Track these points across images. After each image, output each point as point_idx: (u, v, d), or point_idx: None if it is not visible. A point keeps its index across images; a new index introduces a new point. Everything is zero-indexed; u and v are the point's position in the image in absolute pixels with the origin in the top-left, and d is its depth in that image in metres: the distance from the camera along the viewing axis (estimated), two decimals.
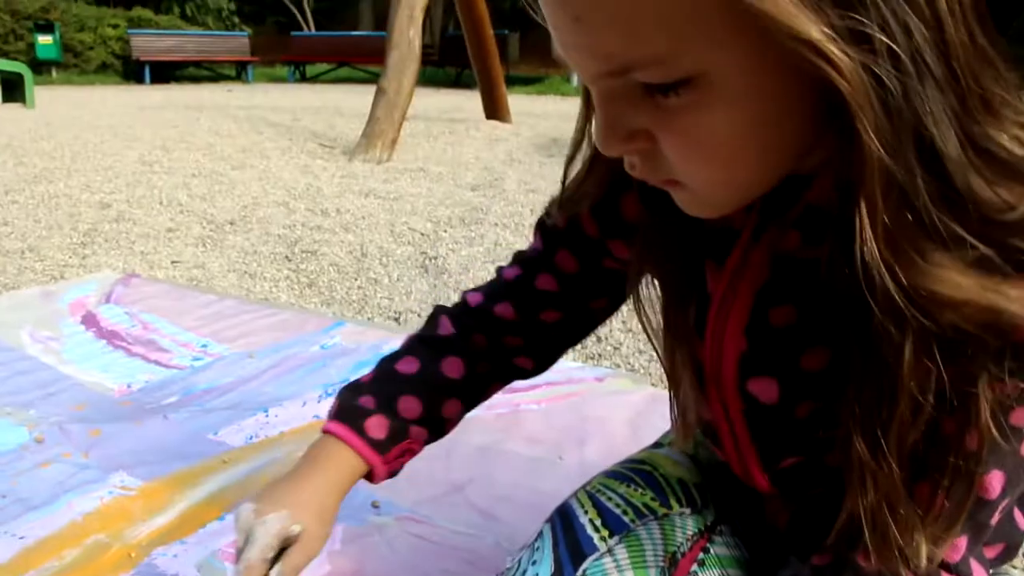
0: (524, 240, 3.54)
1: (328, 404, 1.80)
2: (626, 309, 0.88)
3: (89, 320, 2.27)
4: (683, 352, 0.76)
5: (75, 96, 12.24)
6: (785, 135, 0.55)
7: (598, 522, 0.84)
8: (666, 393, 0.85)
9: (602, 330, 2.48)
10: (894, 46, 0.47)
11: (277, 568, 0.81)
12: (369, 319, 2.52)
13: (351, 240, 3.44)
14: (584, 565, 0.80)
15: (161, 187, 4.65)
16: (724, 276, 0.71)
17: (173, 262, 3.09)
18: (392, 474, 0.93)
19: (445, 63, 16.65)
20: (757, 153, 0.55)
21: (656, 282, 0.78)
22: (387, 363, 0.94)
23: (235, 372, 1.95)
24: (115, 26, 17.03)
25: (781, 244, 0.67)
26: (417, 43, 6.03)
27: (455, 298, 2.80)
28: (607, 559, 0.80)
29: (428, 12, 6.36)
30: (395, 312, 2.58)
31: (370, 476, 0.91)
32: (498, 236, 3.57)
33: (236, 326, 2.26)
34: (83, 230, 3.56)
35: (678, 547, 0.82)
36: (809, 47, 0.47)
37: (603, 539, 0.82)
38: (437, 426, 0.94)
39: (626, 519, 0.84)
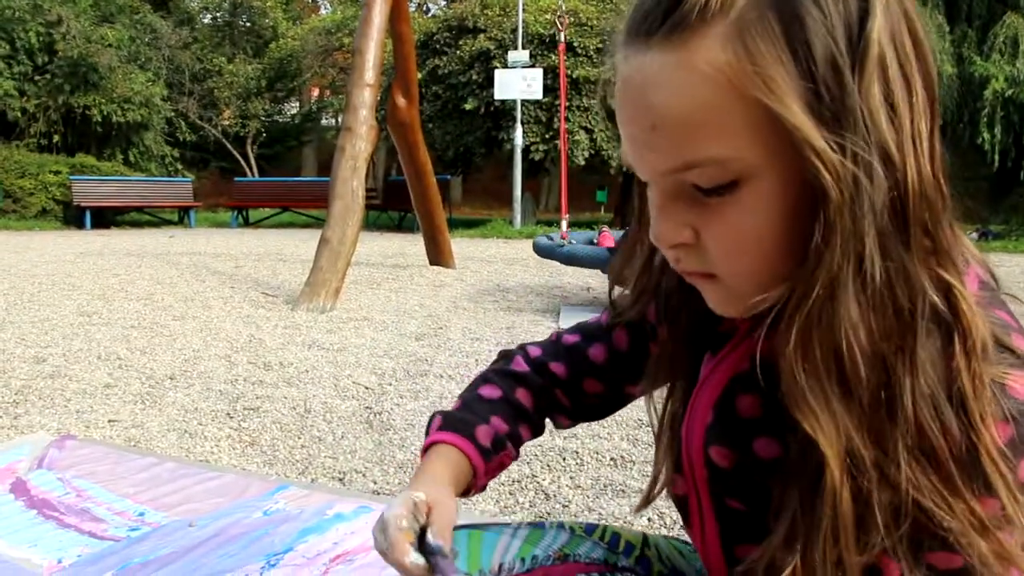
0: None
1: (274, 573, 1.75)
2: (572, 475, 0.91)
3: (19, 488, 2.19)
4: (669, 435, 0.88)
5: (13, 241, 12.14)
6: (795, 235, 0.65)
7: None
8: None
9: (551, 487, 2.46)
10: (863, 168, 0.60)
11: (431, 529, 0.82)
12: (313, 480, 2.47)
13: (294, 395, 3.40)
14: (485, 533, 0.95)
15: (99, 340, 4.58)
16: (713, 361, 0.83)
17: (110, 421, 3.02)
18: (484, 487, 1.00)
19: (388, 207, 16.94)
20: (781, 248, 0.66)
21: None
22: (470, 392, 1.03)
23: (174, 542, 1.89)
24: (57, 172, 17.06)
25: (762, 344, 0.75)
26: (360, 193, 6.15)
27: (400, 456, 2.74)
28: (507, 531, 0.95)
29: (371, 156, 6.50)
30: (339, 472, 2.54)
31: (469, 485, 0.96)
32: (443, 388, 3.56)
33: (175, 492, 2.20)
34: (16, 387, 3.47)
35: (575, 555, 0.95)
36: (819, 159, 0.59)
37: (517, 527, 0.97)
38: (517, 445, 1.01)
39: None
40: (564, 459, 2.70)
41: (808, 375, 0.64)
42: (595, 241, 7.50)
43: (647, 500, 0.94)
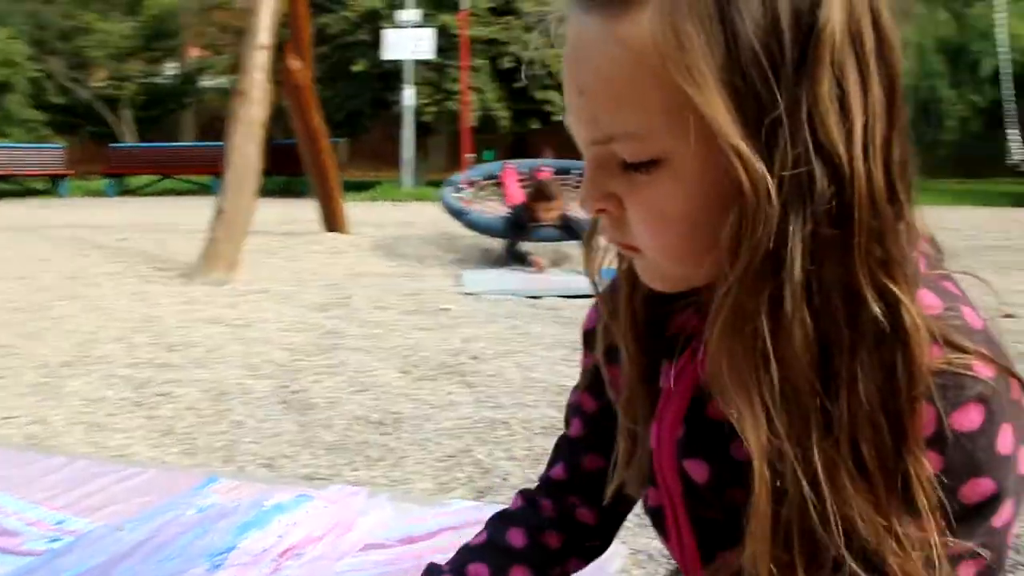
0: (387, 365, 3.46)
1: (220, 575, 1.65)
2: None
3: None
4: (629, 447, 0.85)
5: None
6: (720, 231, 0.62)
7: None
8: None
9: (488, 461, 2.42)
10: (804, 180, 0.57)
11: None
12: (240, 468, 2.37)
13: (205, 377, 3.26)
14: None
15: None
16: (674, 372, 0.80)
17: (5, 418, 2.82)
18: None
19: (273, 172, 16.47)
20: (702, 233, 0.63)
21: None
22: (464, 545, 0.96)
23: (104, 550, 1.75)
24: None
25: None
26: (256, 161, 5.93)
27: (328, 438, 2.67)
28: None
29: (266, 121, 6.26)
30: (266, 458, 2.44)
31: None
32: (359, 362, 3.48)
33: (94, 493, 2.04)
34: None
35: None
36: (737, 156, 0.57)
37: None
38: None
39: None
40: (495, 430, 2.66)
41: (730, 369, 0.63)
42: (497, 175, 7.63)
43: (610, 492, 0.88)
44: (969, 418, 0.61)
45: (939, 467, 0.61)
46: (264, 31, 6.07)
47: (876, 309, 0.59)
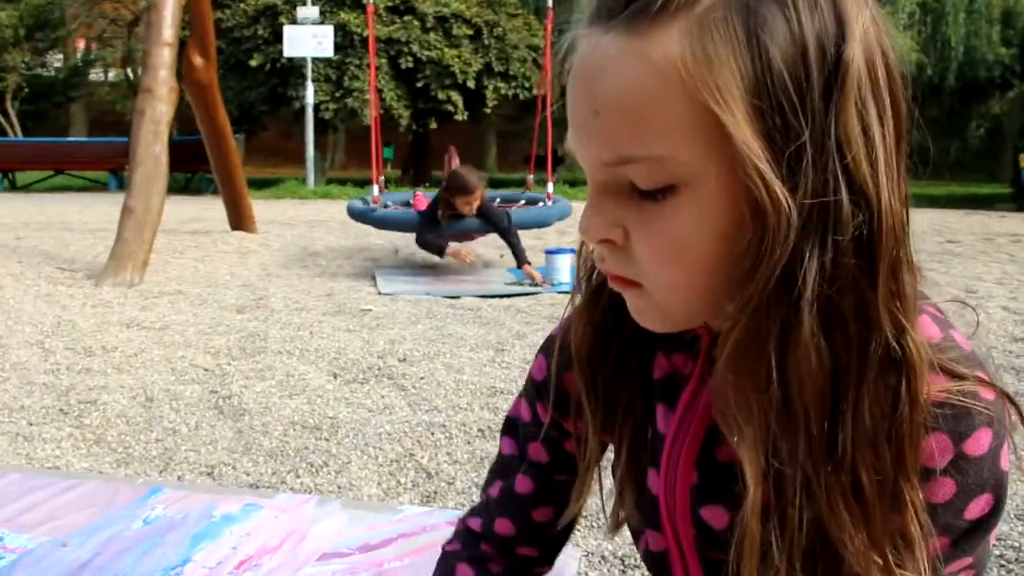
0: (315, 368, 3.43)
1: None
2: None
3: None
4: (633, 492, 0.83)
5: None
6: (734, 258, 0.61)
7: None
8: None
9: (431, 465, 2.43)
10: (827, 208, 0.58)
11: None
12: (180, 478, 2.32)
13: (131, 383, 3.17)
14: None
15: None
16: (675, 417, 0.78)
17: None
18: None
19: (173, 169, 16.01)
20: (714, 265, 0.62)
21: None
22: None
23: (50, 568, 1.71)
24: None
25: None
26: (164, 159, 5.78)
27: (266, 444, 2.63)
28: None
29: (173, 119, 6.09)
30: (206, 466, 2.40)
31: None
32: (288, 366, 3.43)
33: (31, 508, 1.99)
34: None
35: None
36: (760, 179, 0.57)
37: None
38: None
39: None
40: (433, 434, 2.67)
41: (737, 392, 0.63)
42: (410, 203, 7.45)
43: (615, 524, 0.89)
44: (980, 443, 0.63)
45: (952, 492, 0.64)
46: (168, 27, 5.91)
47: (889, 338, 0.60)
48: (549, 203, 6.95)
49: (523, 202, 7.45)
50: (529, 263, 5.77)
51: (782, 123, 0.58)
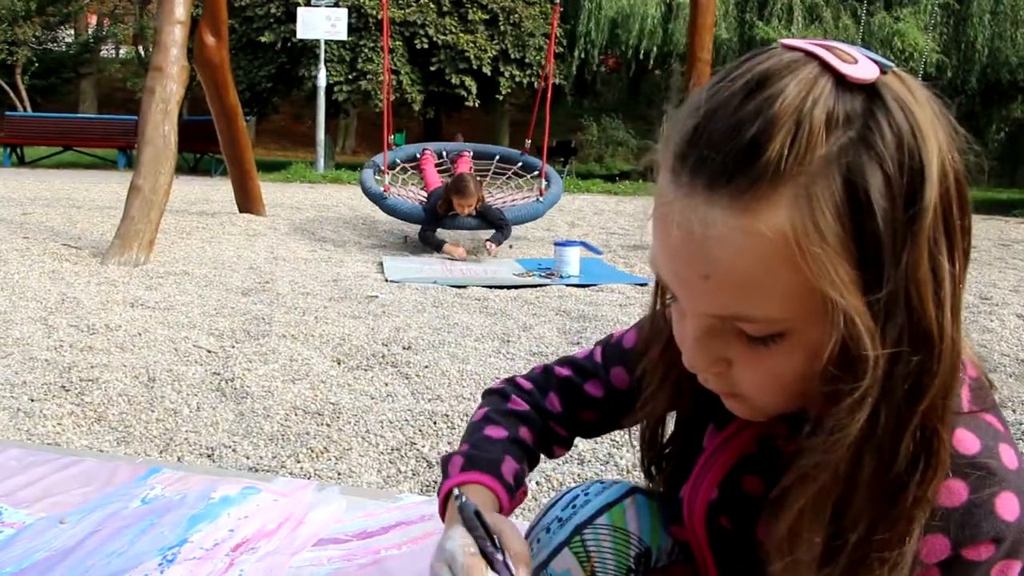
0: (320, 354, 3.42)
1: (174, 569, 1.61)
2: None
3: None
4: (666, 490, 0.96)
5: None
6: (821, 370, 0.67)
7: None
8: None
9: (432, 454, 2.42)
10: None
11: (507, 556, 0.82)
12: (179, 458, 2.31)
13: (133, 362, 3.16)
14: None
15: None
16: (719, 438, 0.87)
17: None
18: None
19: (182, 149, 15.99)
20: (808, 384, 0.69)
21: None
22: (476, 433, 1.03)
23: (48, 544, 1.71)
24: None
25: (770, 430, 0.82)
26: (173, 138, 5.76)
27: (268, 428, 2.62)
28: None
29: (183, 98, 6.07)
30: (206, 448, 2.39)
31: None
32: (292, 351, 3.42)
33: (30, 483, 1.99)
34: None
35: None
36: (858, 327, 0.62)
37: None
38: (521, 481, 1.02)
39: None
40: (435, 423, 2.66)
41: (793, 508, 0.70)
42: (417, 157, 7.66)
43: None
44: (978, 552, 0.68)
45: (989, 554, 0.68)
46: (180, 5, 5.88)
47: (933, 448, 0.65)
48: (541, 198, 7.01)
49: (520, 165, 7.90)
50: (491, 246, 6.43)
51: (875, 276, 0.62)
